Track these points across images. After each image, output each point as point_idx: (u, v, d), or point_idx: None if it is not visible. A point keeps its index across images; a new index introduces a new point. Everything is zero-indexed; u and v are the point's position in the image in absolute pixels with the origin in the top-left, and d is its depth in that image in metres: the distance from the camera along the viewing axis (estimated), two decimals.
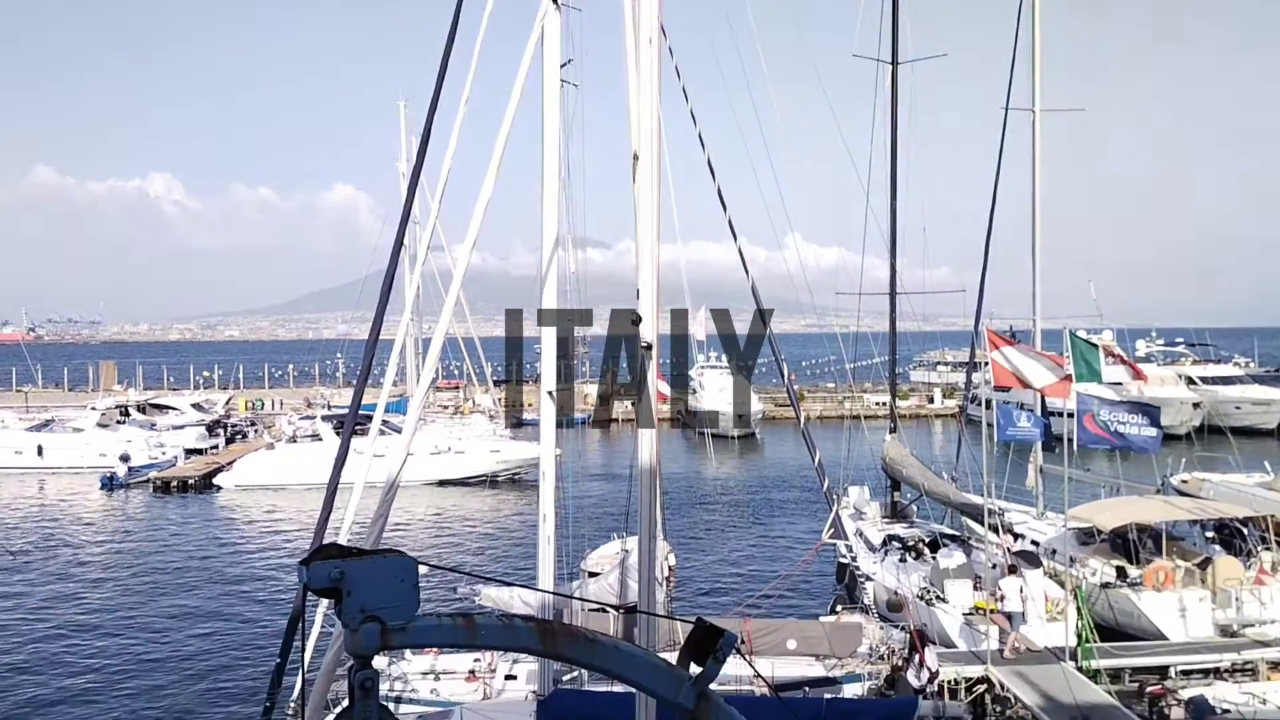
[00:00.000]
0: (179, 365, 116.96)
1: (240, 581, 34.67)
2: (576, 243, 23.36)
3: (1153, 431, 25.60)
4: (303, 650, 16.27)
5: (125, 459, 56.84)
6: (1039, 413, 30.82)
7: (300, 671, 16.08)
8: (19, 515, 47.80)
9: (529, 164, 15.27)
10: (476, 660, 20.41)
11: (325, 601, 16.48)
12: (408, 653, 20.52)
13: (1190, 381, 69.92)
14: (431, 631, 4.27)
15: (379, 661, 4.21)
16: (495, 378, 75.81)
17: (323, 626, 17.52)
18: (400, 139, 61.67)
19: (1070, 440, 25.55)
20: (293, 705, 17.70)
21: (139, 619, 30.17)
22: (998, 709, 20.35)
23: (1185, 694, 19.83)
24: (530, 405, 75.32)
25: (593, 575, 23.74)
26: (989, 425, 24.97)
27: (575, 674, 18.47)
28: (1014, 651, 21.70)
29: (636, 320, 11.20)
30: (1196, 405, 63.28)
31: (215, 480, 54.63)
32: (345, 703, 4.32)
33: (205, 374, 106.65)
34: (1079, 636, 21.61)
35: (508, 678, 19.86)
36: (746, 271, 24.55)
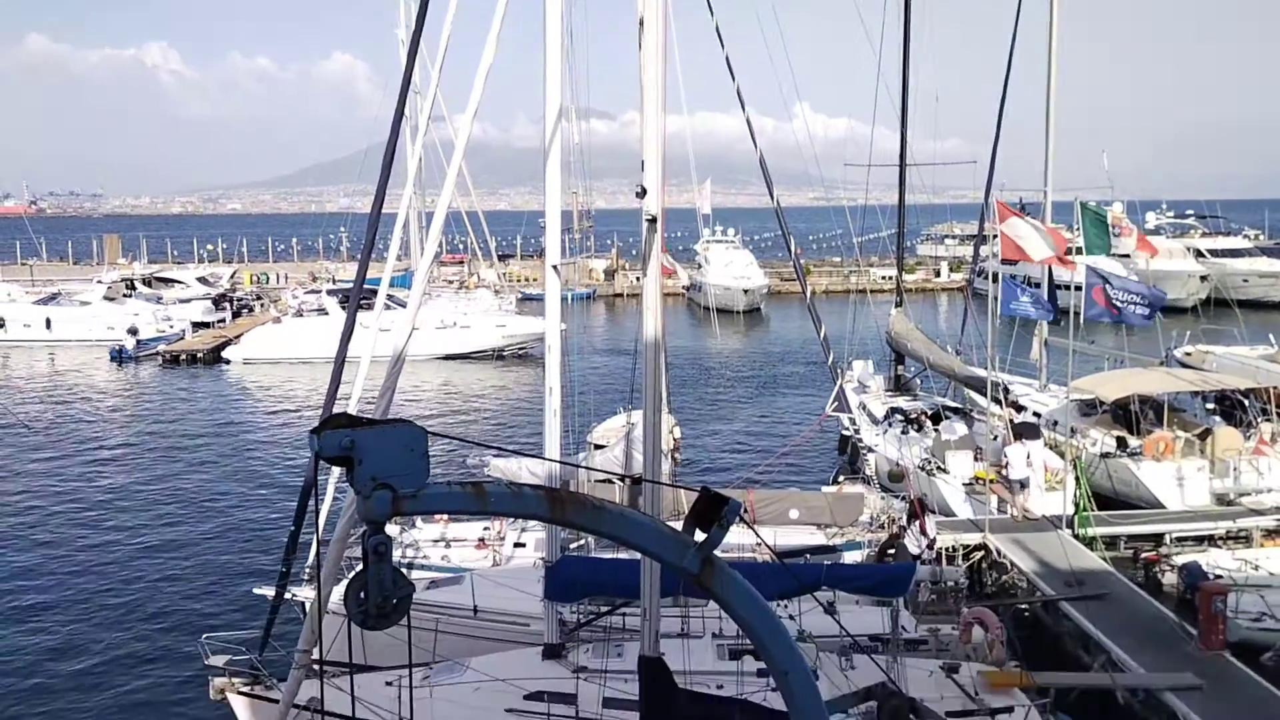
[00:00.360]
0: (182, 239, 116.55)
1: (253, 453, 35.24)
2: (580, 114, 22.96)
3: (1146, 310, 25.69)
4: (316, 518, 16.63)
5: (133, 332, 57.17)
6: (1046, 286, 30.75)
7: (314, 539, 16.49)
8: (32, 388, 48.36)
9: (531, 30, 14.88)
10: (486, 529, 20.87)
11: (337, 471, 16.77)
12: (418, 521, 20.99)
13: (1199, 254, 69.42)
14: (442, 499, 4.34)
15: (390, 529, 4.31)
16: (500, 252, 75.43)
17: (335, 496, 17.90)
18: (399, 4, 59.96)
19: (1076, 314, 25.53)
20: (308, 572, 18.19)
21: (155, 490, 30.79)
22: (994, 574, 20.88)
23: (1179, 560, 20.30)
24: (534, 280, 75.24)
25: (599, 448, 24.08)
26: (995, 299, 24.90)
27: (582, 542, 18.91)
28: (1019, 515, 22.17)
29: (641, 193, 11.09)
30: (1204, 278, 63.00)
31: (223, 354, 55.06)
32: (360, 568, 4.42)
33: (209, 247, 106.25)
34: (1076, 505, 22.02)
35: (516, 545, 20.33)
36: (754, 143, 24.14)
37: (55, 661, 19.10)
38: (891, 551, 18.79)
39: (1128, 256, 53.24)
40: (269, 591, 17.07)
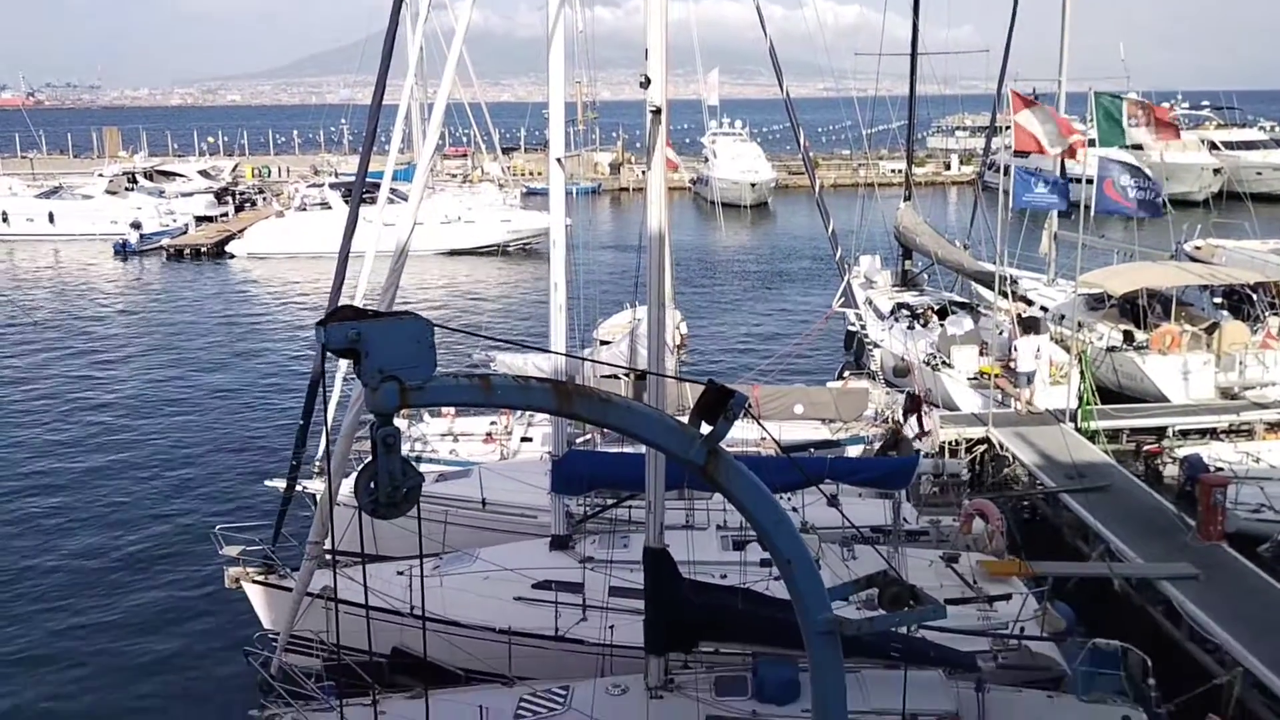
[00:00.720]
0: (182, 131, 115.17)
1: (260, 347, 35.39)
2: (584, 0, 22.37)
3: (1156, 199, 25.37)
4: (324, 411, 16.77)
5: (137, 226, 56.94)
6: (1059, 178, 30.28)
7: (324, 432, 16.64)
8: (38, 282, 48.39)
9: None
10: (493, 423, 21.05)
11: (345, 363, 16.80)
12: (426, 415, 21.16)
13: (1213, 146, 68.33)
14: (449, 391, 4.35)
15: (397, 423, 4.35)
16: (504, 145, 74.33)
17: (343, 391, 18.01)
18: None
19: (1087, 207, 25.21)
20: (318, 464, 18.41)
21: (164, 384, 31.01)
22: (995, 467, 21.09)
23: (1181, 453, 20.45)
24: (538, 174, 74.39)
25: (604, 344, 24.13)
26: (1005, 192, 24.59)
27: (588, 436, 19.08)
28: (1023, 409, 22.29)
29: (645, 82, 10.85)
30: (1217, 171, 62.11)
31: (227, 248, 54.89)
32: (369, 459, 4.45)
33: (209, 140, 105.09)
34: (1080, 399, 22.10)
35: (523, 440, 20.53)
36: (764, 31, 23.58)
37: (71, 556, 19.44)
38: (893, 453, 18.95)
39: (1140, 149, 52.43)
40: (280, 484, 17.32)
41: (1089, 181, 26.19)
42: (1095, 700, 11.32)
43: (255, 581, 14.95)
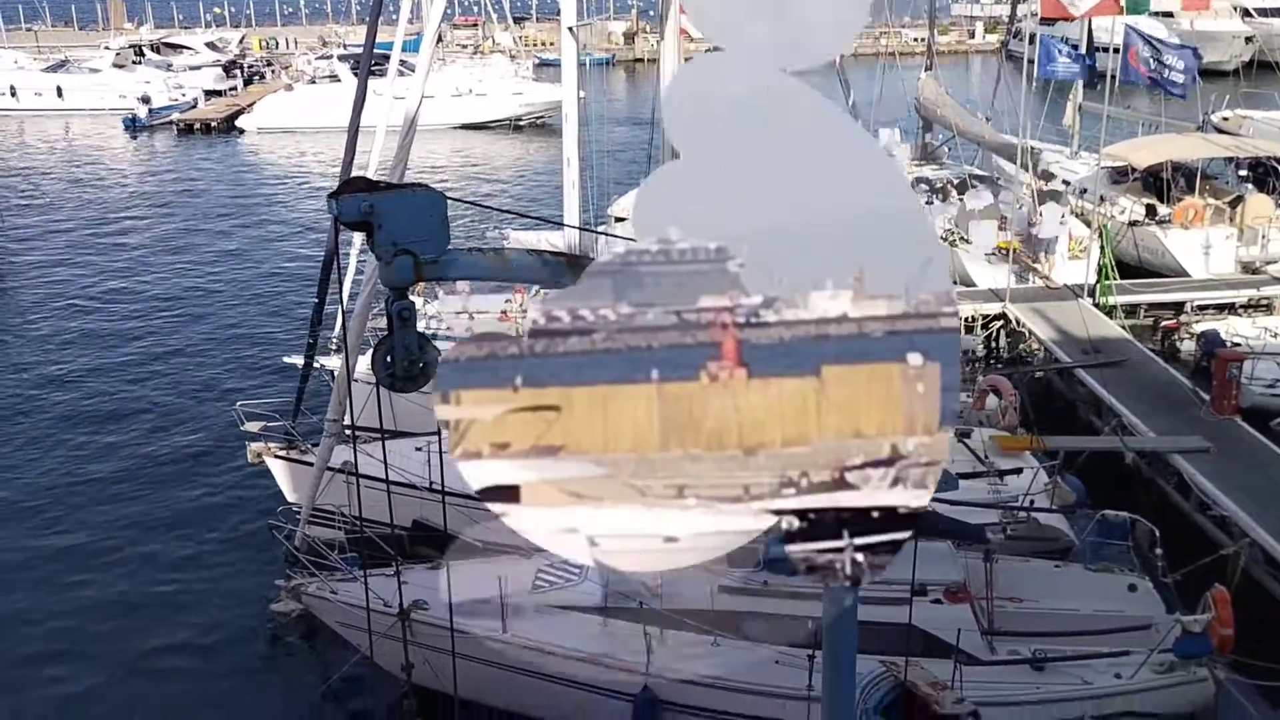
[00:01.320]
0: (187, 1, 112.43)
1: (274, 224, 35.29)
2: None
3: (1181, 77, 24.51)
4: (340, 287, 16.76)
5: (145, 100, 56.12)
6: (1084, 47, 29.42)
7: (339, 308, 16.69)
8: (49, 158, 48.03)
9: None
10: (508, 301, 21.03)
11: (359, 240, 16.71)
12: (441, 293, 21.16)
13: (1245, 14, 65.95)
14: (464, 265, 4.31)
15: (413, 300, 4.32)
16: (515, 14, 72.43)
17: (357, 266, 17.98)
18: None
19: (1113, 78, 24.52)
20: (334, 340, 18.51)
21: (179, 265, 31.05)
22: (1011, 343, 21.06)
23: (1198, 327, 20.35)
24: (551, 44, 72.65)
25: (619, 220, 23.87)
26: (1030, 62, 23.90)
27: None
28: (1043, 277, 22.14)
29: None
30: (1249, 39, 60.08)
31: (237, 123, 54.19)
32: (386, 334, 4.44)
33: (215, 11, 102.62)
34: (1100, 273, 21.91)
35: None
36: None
37: (93, 438, 19.73)
38: None
39: (1171, 15, 50.81)
40: (298, 361, 17.47)
41: (1116, 51, 25.43)
42: (1101, 569, 11.55)
43: (277, 456, 15.21)
